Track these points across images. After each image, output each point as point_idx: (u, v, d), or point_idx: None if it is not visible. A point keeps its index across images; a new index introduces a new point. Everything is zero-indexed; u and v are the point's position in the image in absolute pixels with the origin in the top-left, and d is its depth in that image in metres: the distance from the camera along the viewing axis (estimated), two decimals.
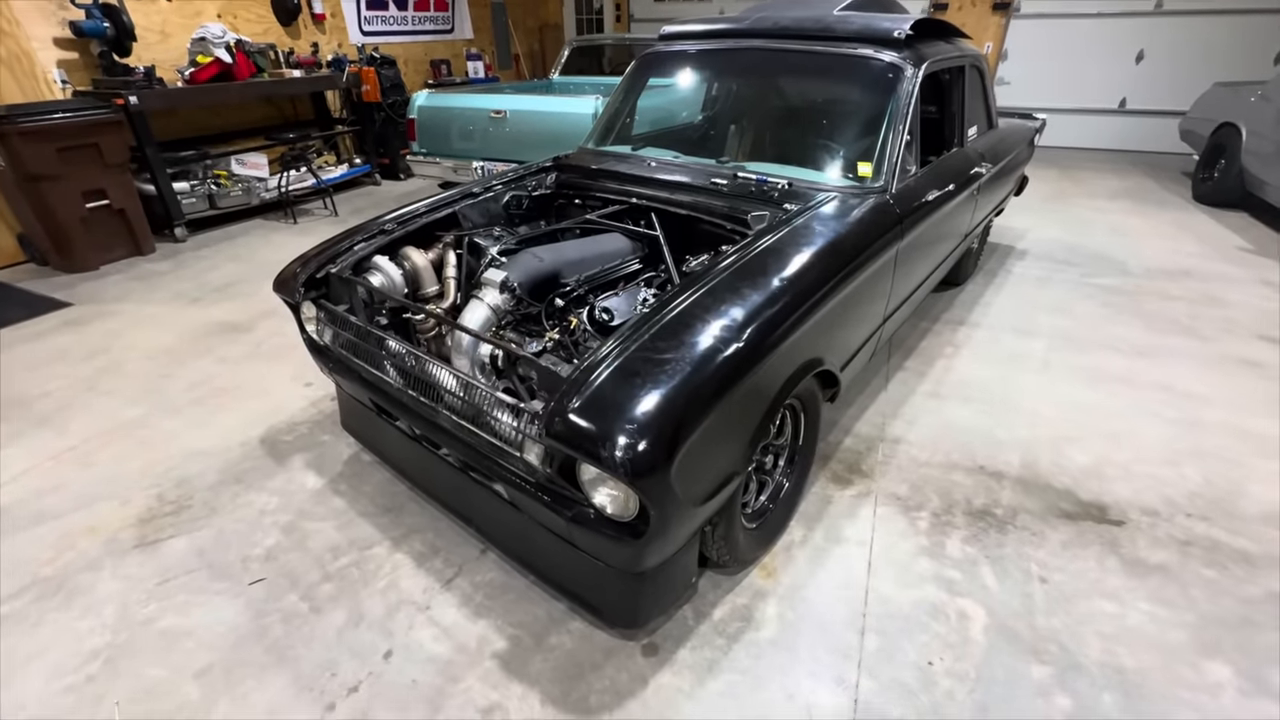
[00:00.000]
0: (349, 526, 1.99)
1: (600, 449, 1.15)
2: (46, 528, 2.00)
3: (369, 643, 1.62)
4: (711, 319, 1.37)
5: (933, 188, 2.27)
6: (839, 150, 2.21)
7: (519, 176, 2.42)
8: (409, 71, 7.05)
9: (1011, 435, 2.40)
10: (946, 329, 3.21)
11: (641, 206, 2.14)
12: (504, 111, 4.18)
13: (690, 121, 2.91)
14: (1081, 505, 2.06)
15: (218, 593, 1.77)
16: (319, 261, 1.90)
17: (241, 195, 4.94)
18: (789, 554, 1.88)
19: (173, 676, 1.54)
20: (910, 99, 2.12)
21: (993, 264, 4.05)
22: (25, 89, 4.05)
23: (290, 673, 1.55)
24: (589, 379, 1.24)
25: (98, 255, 4.08)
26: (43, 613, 1.71)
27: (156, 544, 1.93)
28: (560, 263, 1.86)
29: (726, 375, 1.30)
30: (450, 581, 1.79)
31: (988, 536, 1.93)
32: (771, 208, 1.92)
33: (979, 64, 2.88)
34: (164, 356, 3.02)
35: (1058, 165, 6.65)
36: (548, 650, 1.60)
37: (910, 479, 2.17)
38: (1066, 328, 3.22)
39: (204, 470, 2.25)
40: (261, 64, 5.18)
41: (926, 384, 2.73)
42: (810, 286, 1.58)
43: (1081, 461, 2.26)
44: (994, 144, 3.08)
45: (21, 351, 3.09)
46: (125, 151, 4.07)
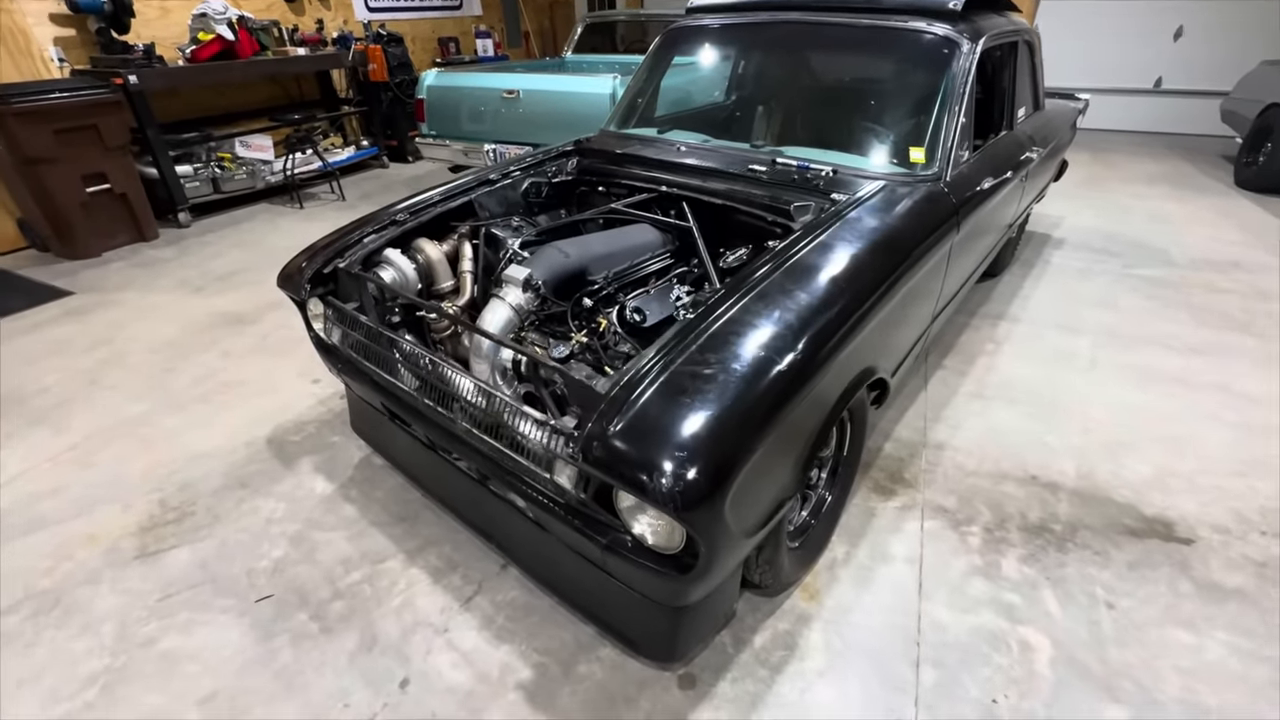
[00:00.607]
0: (361, 537, 1.87)
1: (646, 479, 1.01)
2: (44, 535, 1.90)
3: (384, 669, 1.50)
4: (763, 326, 1.23)
5: (986, 174, 2.09)
6: (887, 134, 2.03)
7: (538, 162, 2.26)
8: (416, 49, 6.83)
9: (1063, 441, 2.24)
10: (985, 324, 3.04)
11: (671, 195, 1.98)
12: (517, 91, 3.99)
13: (720, 102, 2.73)
14: (1146, 521, 1.91)
15: (223, 610, 1.66)
16: (326, 255, 1.75)
17: (246, 179, 4.79)
18: (832, 573, 1.75)
19: (174, 705, 1.44)
20: (967, 77, 1.94)
21: (1029, 253, 3.85)
22: (22, 68, 3.90)
23: (300, 702, 1.44)
24: (630, 397, 1.09)
25: (100, 241, 3.96)
26: (38, 630, 1.61)
27: (158, 554, 1.83)
28: (587, 258, 1.71)
29: (783, 391, 1.15)
30: (469, 600, 1.67)
31: (1047, 555, 1.79)
32: (817, 198, 1.76)
33: (1031, 39, 2.68)
34: (167, 349, 2.90)
35: (1090, 148, 6.38)
36: (576, 681, 1.48)
37: (958, 489, 2.03)
38: (1112, 323, 3.05)
39: (208, 473, 2.14)
40: (265, 41, 4.99)
41: (968, 384, 2.58)
42: (867, 287, 1.42)
43: (1142, 471, 2.10)
44: (1041, 126, 2.88)
45: (20, 343, 2.98)
46: (125, 133, 3.93)
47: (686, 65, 2.70)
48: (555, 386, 1.30)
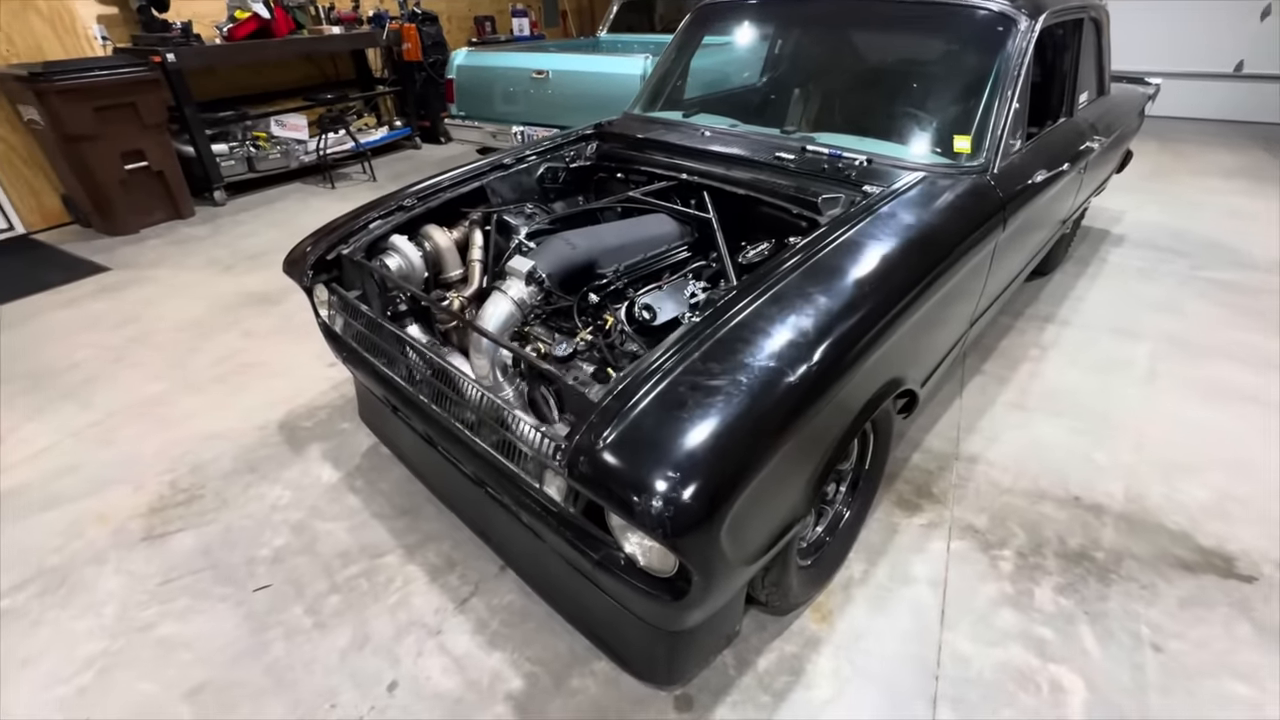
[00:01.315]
0: (362, 529, 1.84)
1: (633, 500, 0.92)
2: (59, 512, 1.92)
3: (373, 670, 1.46)
4: (776, 333, 1.11)
5: (1040, 166, 1.90)
6: (931, 121, 1.87)
7: (556, 146, 2.16)
8: (452, 29, 6.78)
9: (1113, 459, 2.06)
10: (1032, 326, 2.84)
11: (692, 184, 1.86)
12: (546, 72, 3.89)
13: (753, 84, 2.58)
14: (1202, 553, 1.73)
15: (220, 598, 1.65)
16: (330, 241, 1.70)
17: (280, 158, 4.83)
18: (847, 593, 1.63)
19: (164, 694, 1.43)
20: (1023, 58, 1.76)
21: (1084, 250, 3.59)
22: (67, 45, 3.98)
23: (287, 700, 1.41)
24: (623, 408, 1.00)
25: (137, 218, 4.04)
26: (44, 609, 1.63)
27: (164, 537, 1.83)
28: (597, 249, 1.61)
29: (794, 408, 1.04)
30: (465, 602, 1.62)
31: (1086, 586, 1.64)
32: (847, 189, 1.62)
33: (1099, 17, 2.44)
34: (193, 328, 2.93)
35: (1158, 136, 5.94)
36: (568, 694, 1.41)
37: (990, 508, 1.88)
38: (1176, 330, 2.80)
39: (219, 455, 2.14)
40: (301, 20, 5.00)
41: (1009, 392, 2.40)
42: (896, 291, 1.29)
43: (1199, 496, 1.92)
44: (1104, 113, 2.64)
45: (57, 318, 3.06)
46: (163, 111, 3.98)
47: (718, 45, 2.55)
48: (556, 384, 1.21)
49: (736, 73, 2.67)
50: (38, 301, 3.21)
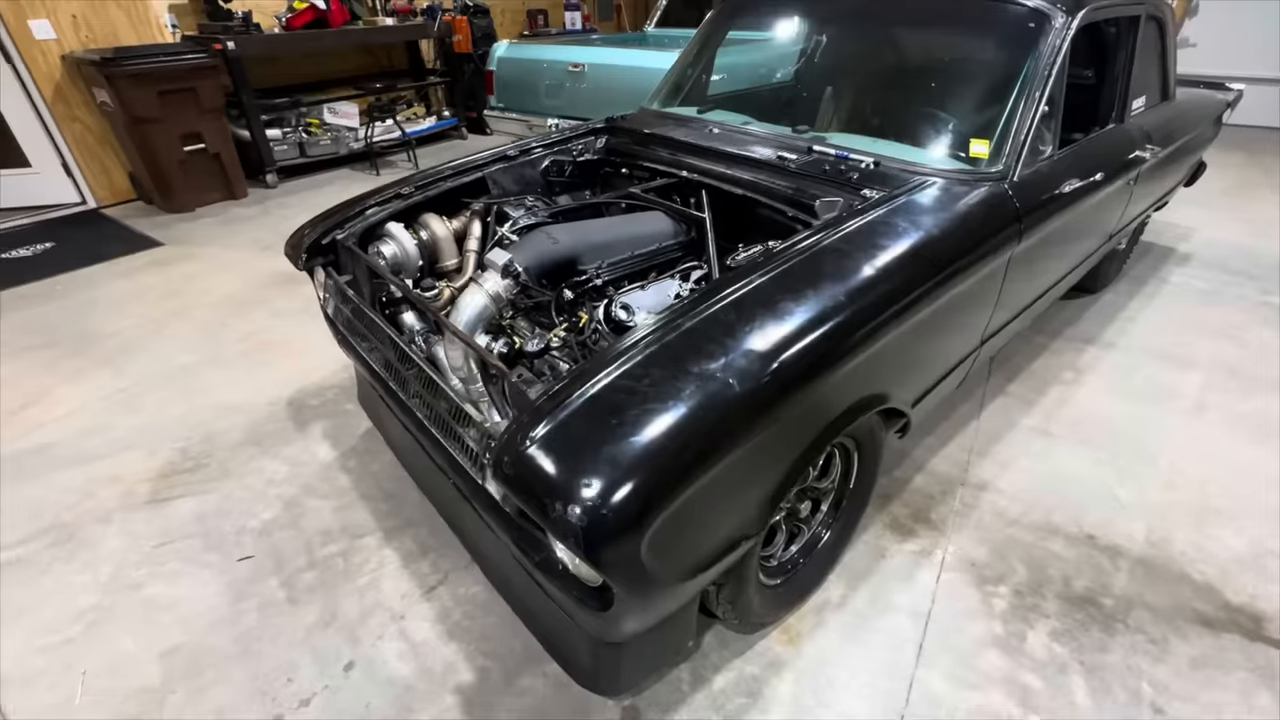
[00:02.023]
0: (347, 509, 1.88)
1: (549, 506, 0.89)
2: (79, 471, 2.05)
3: (334, 649, 1.49)
4: (727, 342, 1.06)
5: (1072, 175, 1.76)
6: (949, 122, 1.75)
7: (564, 139, 2.15)
8: (505, 22, 6.87)
9: (1139, 497, 1.90)
10: (1069, 348, 2.64)
11: (692, 182, 1.81)
12: (582, 65, 3.89)
13: (773, 81, 2.49)
14: (1228, 610, 1.57)
15: (206, 565, 1.71)
16: (325, 226, 1.74)
17: (330, 144, 5.02)
18: (820, 617, 1.56)
19: (142, 653, 1.49)
20: (1055, 58, 1.63)
21: (1142, 268, 3.32)
22: (140, 33, 4.23)
23: (250, 670, 1.45)
24: (555, 410, 0.97)
25: (194, 197, 4.27)
26: (50, 561, 1.73)
27: (166, 502, 1.92)
28: (580, 245, 1.58)
29: (737, 421, 0.99)
30: (432, 590, 1.63)
31: (1087, 635, 1.51)
32: (846, 193, 1.54)
33: (1159, 14, 2.24)
34: (227, 304, 3.07)
35: (1245, 148, 5.44)
36: (517, 693, 1.40)
37: (992, 540, 1.76)
38: (1234, 359, 2.56)
39: (230, 427, 2.23)
40: (357, 11, 5.17)
41: (1032, 416, 2.24)
42: (875, 304, 1.21)
43: (1234, 546, 1.74)
44: (1166, 120, 2.42)
45: (111, 287, 3.27)
46: (221, 96, 4.18)
47: (743, 42, 2.48)
48: (499, 383, 1.20)
49: (759, 69, 2.59)
50: (96, 272, 3.44)
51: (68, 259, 3.57)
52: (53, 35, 3.89)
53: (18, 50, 3.82)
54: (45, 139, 4.12)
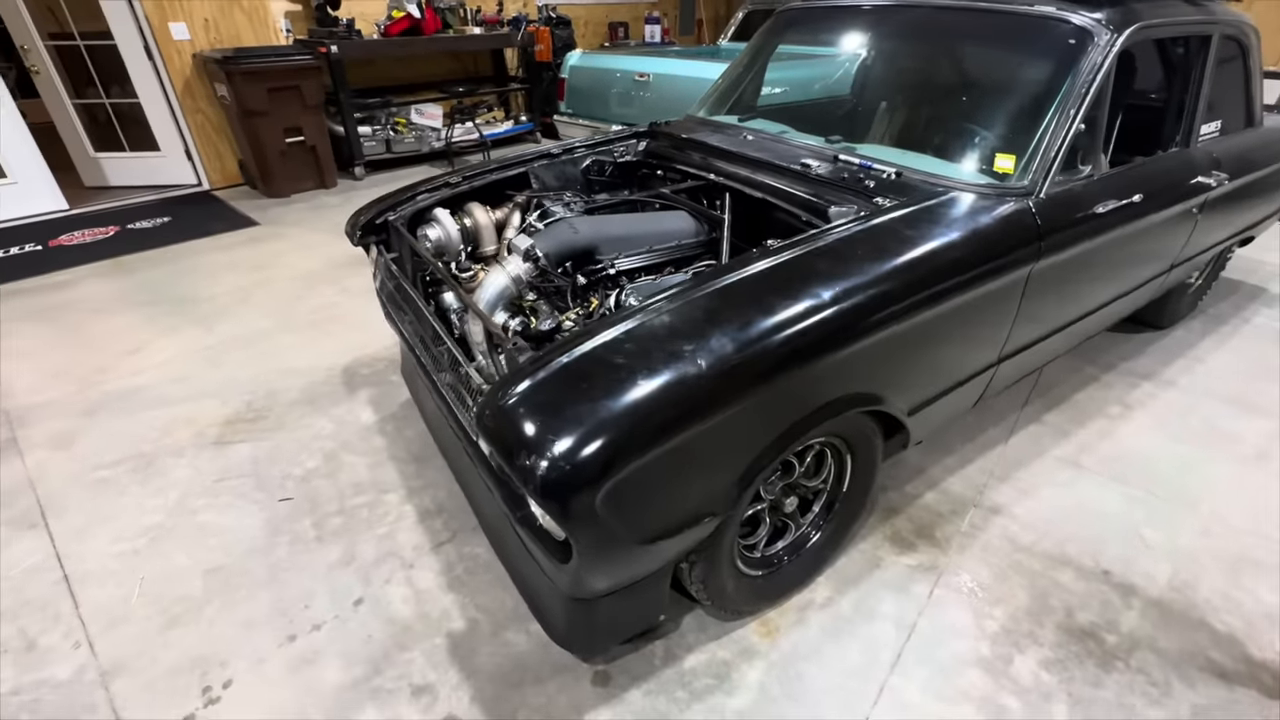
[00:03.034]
0: (379, 467, 2.06)
1: (514, 454, 0.99)
2: (162, 411, 2.34)
3: (347, 585, 1.65)
4: (707, 326, 1.13)
5: (1114, 197, 1.71)
6: (980, 137, 1.74)
7: (608, 141, 2.27)
8: (587, 33, 7.16)
9: (1168, 539, 1.79)
10: (1121, 382, 2.51)
11: (718, 185, 1.88)
12: (648, 75, 4.03)
13: (820, 95, 2.52)
14: (1248, 663, 1.47)
15: (254, 501, 1.93)
16: (379, 208, 1.93)
17: (414, 142, 5.40)
18: (802, 614, 1.58)
19: (191, 568, 1.71)
20: (1095, 75, 1.59)
21: (1223, 307, 3.09)
22: (259, 35, 4.73)
23: (275, 594, 1.63)
24: (534, 372, 1.07)
25: (290, 184, 4.71)
26: (129, 484, 2.00)
27: (229, 445, 2.16)
28: (600, 236, 1.69)
29: (702, 399, 1.05)
30: (441, 545, 1.77)
31: (1081, 667, 1.45)
32: (861, 200, 1.57)
33: (1239, 35, 2.11)
34: (304, 279, 3.39)
35: None
36: (500, 645, 1.50)
37: (996, 563, 1.72)
38: None
39: (291, 387, 2.48)
40: (449, 20, 5.54)
41: (1065, 447, 2.15)
42: (860, 304, 1.24)
43: (1268, 601, 1.62)
44: (1246, 148, 2.27)
45: (211, 258, 3.67)
46: (321, 94, 4.61)
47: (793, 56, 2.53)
48: (500, 350, 1.31)
49: (803, 83, 2.63)
50: (201, 245, 3.87)
51: (180, 232, 4.03)
52: (187, 36, 4.42)
53: (159, 49, 4.37)
54: (173, 127, 4.67)
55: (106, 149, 4.73)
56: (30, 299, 3.18)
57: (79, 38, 4.38)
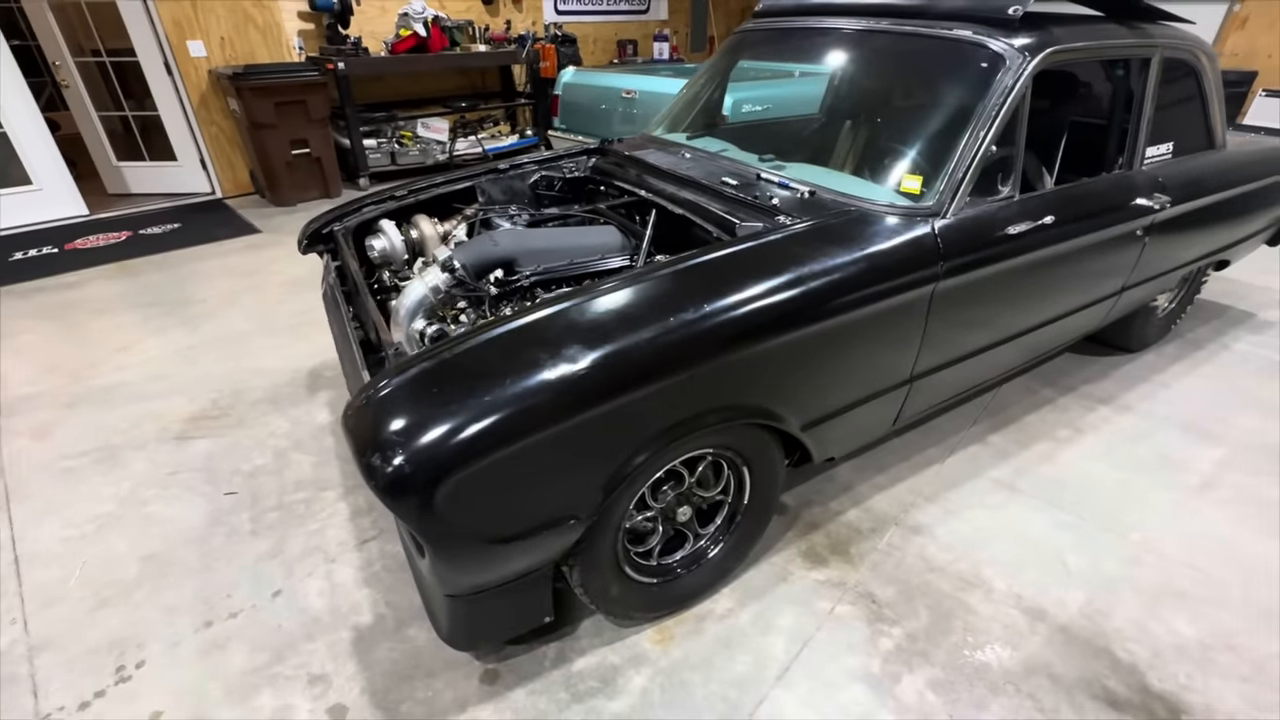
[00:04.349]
0: (324, 465, 2.15)
1: (362, 453, 1.05)
2: (136, 407, 2.47)
3: (270, 577, 1.73)
4: (567, 336, 1.18)
5: (1031, 219, 1.71)
6: (895, 157, 1.75)
7: (557, 157, 2.34)
8: (596, 51, 7.31)
9: (1089, 566, 1.76)
10: (1078, 405, 2.47)
11: (647, 202, 1.94)
12: (634, 92, 4.11)
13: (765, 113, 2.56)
14: (1145, 694, 1.44)
15: (201, 494, 2.03)
16: (327, 218, 2.03)
17: (418, 155, 5.58)
18: (699, 624, 1.60)
19: (128, 554, 1.81)
20: (1007, 98, 1.60)
21: (1202, 332, 3.01)
22: (273, 53, 4.97)
23: (202, 582, 1.72)
24: (395, 376, 1.14)
25: (296, 194, 4.92)
26: (91, 473, 2.12)
27: (189, 440, 2.28)
28: (520, 249, 1.75)
29: (549, 407, 1.10)
30: (365, 543, 1.84)
31: (969, 690, 1.44)
32: (765, 218, 1.60)
33: (1188, 57, 2.09)
34: (291, 285, 3.54)
35: None
36: (401, 640, 1.56)
37: (904, 581, 1.71)
38: (1276, 440, 2.27)
39: (258, 386, 2.59)
40: (457, 38, 5.73)
41: (1003, 469, 2.13)
42: (732, 319, 1.27)
43: (1183, 633, 1.58)
44: (1201, 170, 2.24)
45: (209, 263, 3.86)
46: (328, 108, 4.81)
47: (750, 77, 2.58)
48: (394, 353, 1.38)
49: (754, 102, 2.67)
50: (203, 250, 4.06)
51: (187, 237, 4.24)
52: (204, 53, 4.67)
53: (177, 65, 4.62)
54: (190, 139, 4.92)
55: (128, 158, 5.00)
56: (39, 298, 3.38)
57: (105, 54, 4.66)
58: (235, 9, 4.69)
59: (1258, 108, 5.80)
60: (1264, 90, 5.78)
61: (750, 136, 2.26)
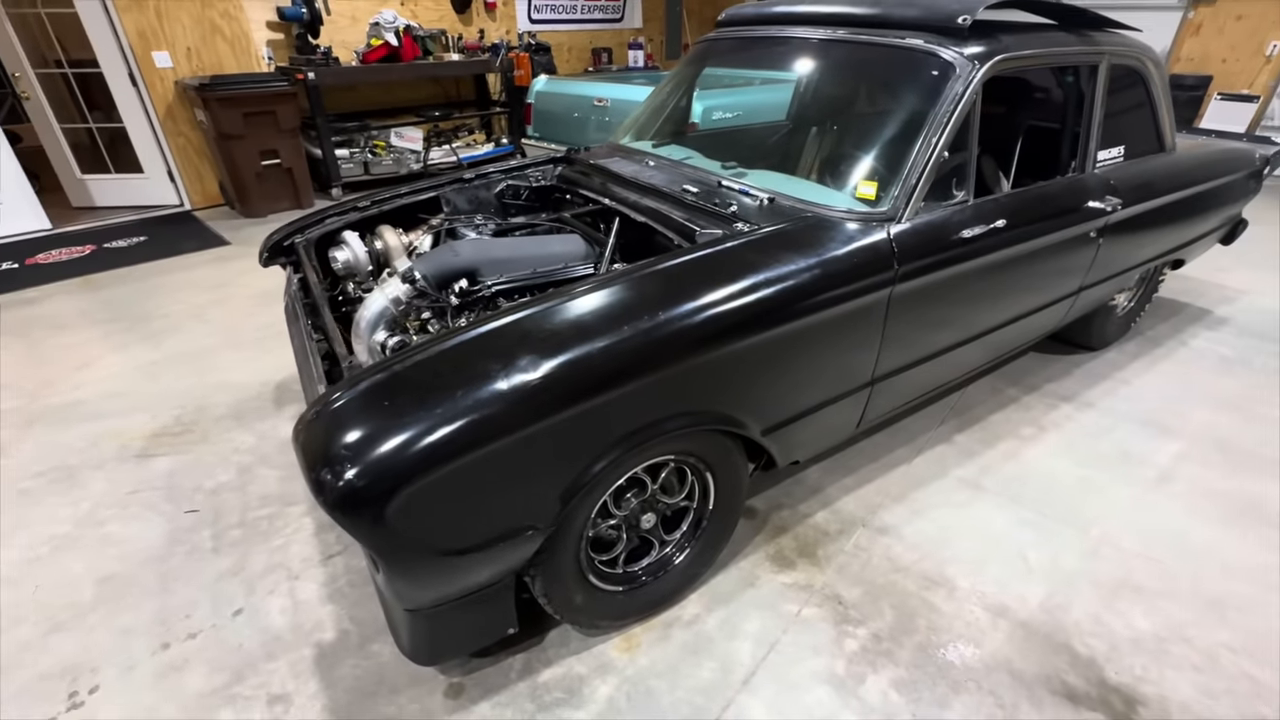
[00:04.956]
0: (289, 480, 2.12)
1: (311, 468, 1.04)
2: (96, 425, 2.42)
3: (231, 595, 1.70)
4: (518, 346, 1.18)
5: (984, 222, 1.74)
6: (852, 164, 1.78)
7: (523, 166, 2.35)
8: (571, 59, 7.34)
9: (1050, 561, 1.80)
10: (1041, 403, 2.51)
11: (610, 210, 1.94)
12: (606, 100, 4.13)
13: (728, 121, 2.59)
14: (1102, 687, 1.47)
15: (160, 514, 1.99)
16: (287, 230, 2.01)
17: (392, 165, 5.54)
18: (666, 631, 1.60)
19: (84, 576, 1.76)
20: (957, 104, 1.64)
21: (1162, 329, 3.09)
22: (241, 63, 4.92)
23: (160, 603, 1.68)
24: (347, 389, 1.13)
25: (266, 205, 4.86)
26: (48, 494, 2.07)
27: (150, 458, 2.23)
28: (482, 259, 1.75)
29: (500, 419, 1.10)
30: (330, 558, 1.81)
31: (932, 688, 1.46)
32: (724, 225, 1.62)
33: (1135, 64, 2.16)
34: (259, 298, 3.49)
35: None
36: (364, 656, 1.54)
37: (870, 582, 1.73)
38: (1229, 432, 2.34)
39: (223, 401, 2.55)
40: (431, 48, 5.72)
41: (968, 468, 2.16)
42: (686, 327, 1.28)
43: (1139, 626, 1.61)
44: (1152, 173, 2.30)
45: (174, 276, 3.79)
46: (297, 119, 4.76)
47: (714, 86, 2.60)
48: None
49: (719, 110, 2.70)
50: (170, 263, 3.99)
51: (153, 251, 4.17)
52: (170, 64, 4.61)
53: (142, 76, 4.56)
54: (156, 150, 4.84)
55: (93, 171, 4.91)
56: None
57: (68, 65, 4.58)
58: (202, 19, 4.63)
59: (1214, 111, 5.98)
60: (1219, 94, 5.96)
61: (713, 144, 2.27)
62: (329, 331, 1.53)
